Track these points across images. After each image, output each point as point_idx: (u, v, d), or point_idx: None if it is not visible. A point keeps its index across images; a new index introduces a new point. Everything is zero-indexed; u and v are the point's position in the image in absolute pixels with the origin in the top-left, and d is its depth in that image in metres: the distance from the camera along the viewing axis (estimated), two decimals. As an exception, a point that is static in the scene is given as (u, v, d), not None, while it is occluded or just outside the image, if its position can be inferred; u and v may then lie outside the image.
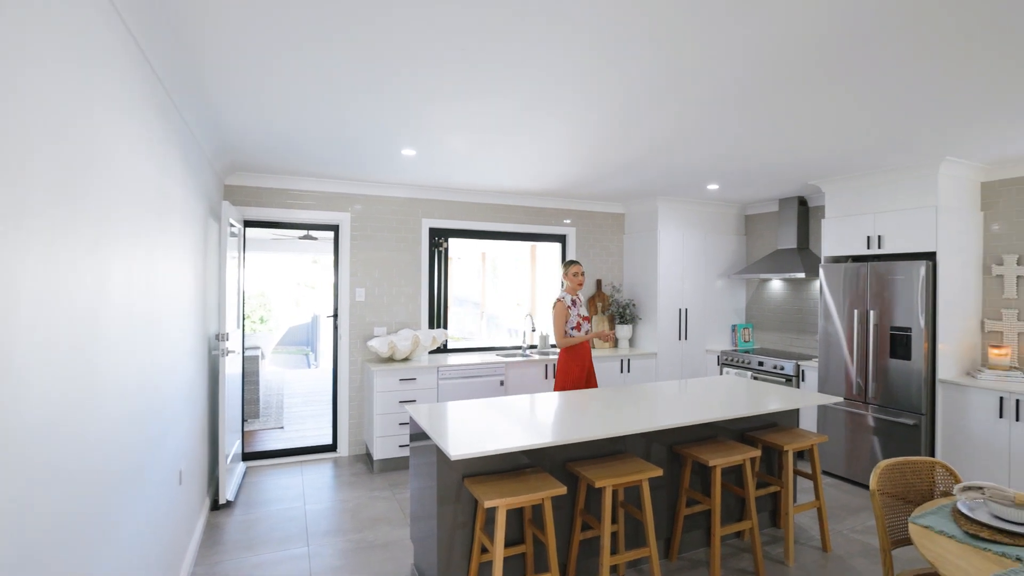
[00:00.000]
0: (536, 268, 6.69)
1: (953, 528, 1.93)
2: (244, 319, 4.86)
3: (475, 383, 4.88)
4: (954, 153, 3.74)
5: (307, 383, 8.37)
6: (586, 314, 4.36)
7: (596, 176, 4.62)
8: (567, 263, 4.40)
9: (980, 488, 2.06)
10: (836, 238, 4.58)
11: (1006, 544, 1.82)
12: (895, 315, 4.08)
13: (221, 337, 3.75)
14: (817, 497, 3.38)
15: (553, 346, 5.94)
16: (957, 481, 2.37)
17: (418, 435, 2.88)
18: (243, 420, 4.78)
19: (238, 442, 4.41)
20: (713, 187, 5.04)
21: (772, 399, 3.42)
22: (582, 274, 4.38)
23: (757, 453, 3.10)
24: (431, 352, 5.35)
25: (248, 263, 6.02)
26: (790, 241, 5.42)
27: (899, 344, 4.05)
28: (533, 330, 5.60)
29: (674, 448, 3.19)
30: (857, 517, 3.75)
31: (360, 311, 5.05)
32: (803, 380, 4.89)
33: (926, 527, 1.96)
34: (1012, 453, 3.51)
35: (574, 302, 4.30)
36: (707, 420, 2.96)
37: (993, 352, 3.89)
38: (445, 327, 5.51)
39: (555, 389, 4.32)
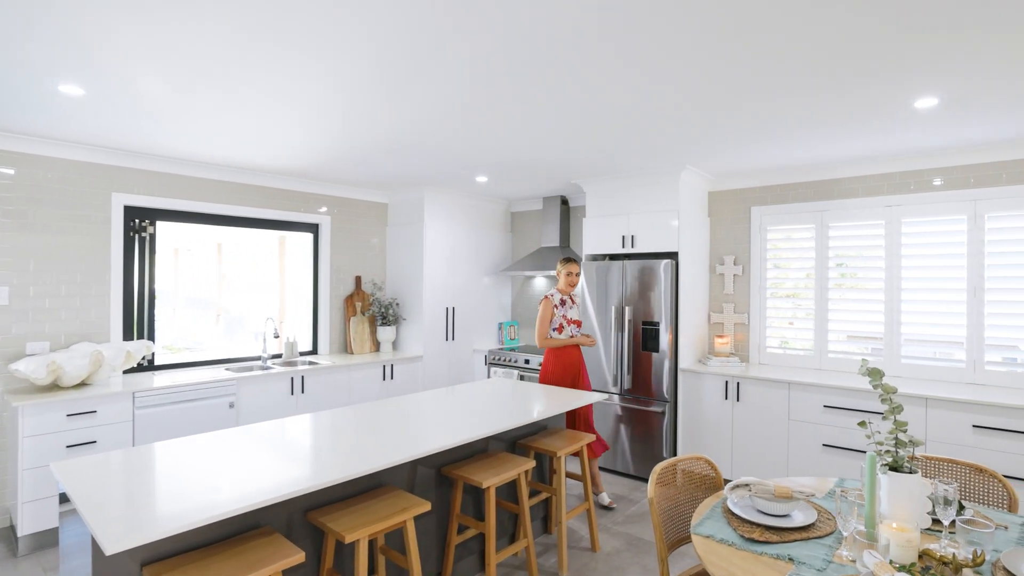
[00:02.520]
0: (285, 262, 5.64)
1: (730, 534, 1.83)
2: None
3: (192, 410, 3.74)
4: (692, 163, 4.09)
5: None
6: (576, 317, 4.01)
7: (355, 156, 3.93)
8: (564, 260, 3.98)
9: (747, 485, 2.03)
10: (595, 237, 4.72)
11: (776, 543, 1.77)
12: (647, 310, 4.33)
13: None
14: (587, 498, 3.28)
15: (303, 353, 5.02)
16: (716, 472, 2.38)
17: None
18: None
19: None
20: (482, 179, 4.78)
21: (543, 403, 3.21)
22: (577, 274, 3.98)
23: (531, 464, 2.83)
24: (128, 372, 3.98)
25: None
26: (553, 239, 5.51)
27: (650, 337, 4.31)
28: (276, 336, 4.62)
29: (443, 470, 2.73)
30: (619, 506, 3.82)
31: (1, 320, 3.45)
32: (565, 376, 4.95)
33: (707, 536, 1.83)
34: (734, 429, 3.95)
35: (563, 302, 3.96)
36: (479, 437, 2.56)
37: (718, 341, 4.39)
38: (152, 337, 4.17)
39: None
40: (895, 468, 1.79)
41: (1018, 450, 2.96)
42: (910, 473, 1.77)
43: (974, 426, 3.08)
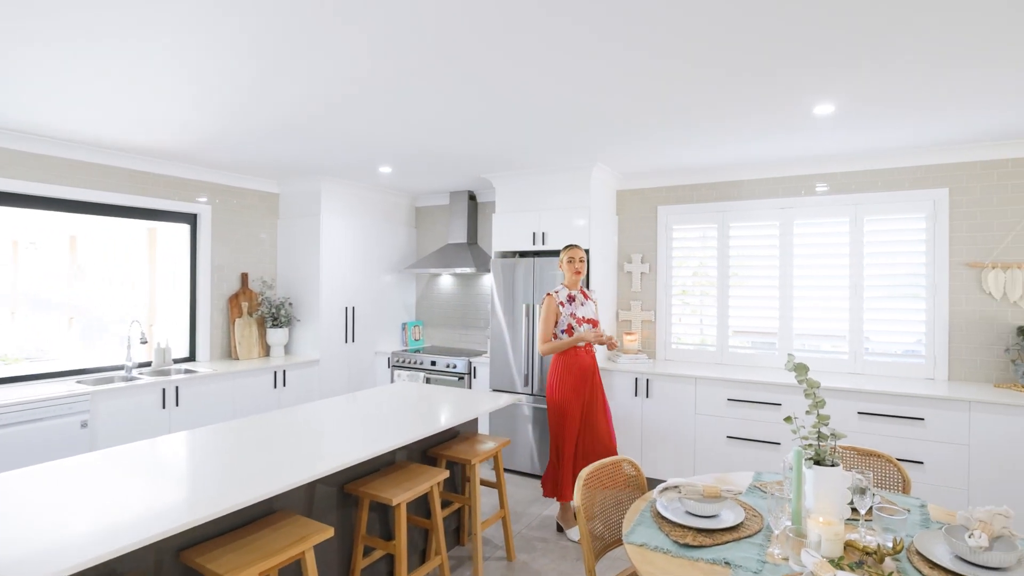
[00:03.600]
0: (156, 257, 4.92)
1: (664, 540, 1.74)
2: None
3: (31, 433, 3.09)
4: (603, 161, 4.07)
5: None
6: (591, 315, 3.42)
7: (240, 136, 3.46)
8: (566, 247, 3.45)
9: (676, 487, 1.96)
10: (505, 234, 4.58)
11: (710, 546, 1.70)
12: (556, 308, 4.25)
13: None
14: (502, 506, 3.12)
15: (178, 360, 4.40)
16: (639, 473, 2.32)
17: None
18: None
19: None
20: (386, 170, 4.47)
21: (454, 408, 3.00)
22: (580, 260, 3.39)
23: (444, 475, 2.61)
24: (-63, 389, 3.21)
25: None
26: (460, 236, 5.30)
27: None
28: (144, 341, 3.98)
29: (346, 488, 2.43)
30: (531, 510, 3.70)
31: None
32: (475, 377, 4.77)
33: (641, 545, 1.72)
34: (644, 424, 3.99)
35: (571, 298, 3.39)
36: (386, 450, 2.30)
37: (627, 338, 4.43)
38: (-28, 346, 3.41)
39: (549, 407, 3.40)
40: (818, 462, 1.80)
41: (897, 433, 3.22)
42: (832, 466, 1.79)
43: (859, 412, 3.31)
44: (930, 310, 3.60)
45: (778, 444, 3.53)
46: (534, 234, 4.44)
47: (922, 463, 3.16)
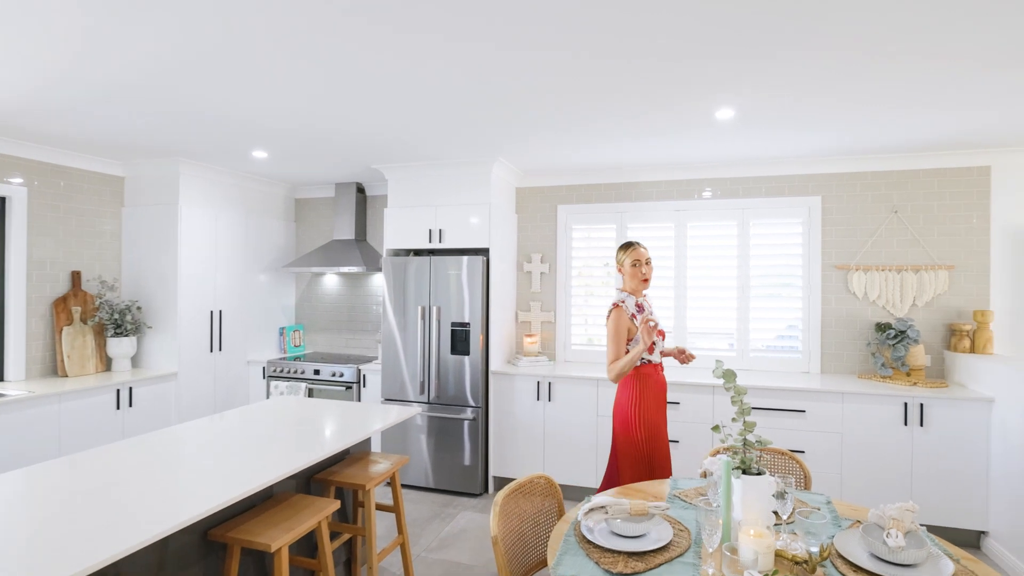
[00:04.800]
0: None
1: (593, 569, 1.58)
2: None
3: None
4: (504, 157, 3.89)
5: None
6: (660, 326, 2.77)
7: (67, 100, 2.78)
8: (623, 246, 2.82)
9: (603, 507, 1.81)
10: (398, 230, 4.24)
11: (643, 572, 1.56)
12: (456, 310, 4.00)
13: None
14: (400, 531, 2.80)
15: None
16: (556, 490, 2.15)
17: None
18: None
19: None
20: (260, 155, 3.91)
21: (343, 427, 2.64)
22: (648, 263, 2.78)
23: (334, 507, 2.25)
24: None
25: None
26: (347, 231, 4.85)
27: (459, 339, 3.99)
28: (-74, 360, 3.09)
29: (211, 534, 1.99)
30: (430, 529, 3.42)
31: None
32: (365, 386, 4.37)
33: (571, 578, 1.54)
34: (546, 429, 3.87)
35: (640, 307, 2.76)
36: (260, 486, 1.91)
37: (527, 340, 4.29)
38: None
39: (615, 435, 2.70)
40: (745, 470, 1.75)
41: (781, 425, 3.39)
42: (758, 474, 1.74)
43: (752, 408, 3.45)
44: (805, 308, 3.88)
45: (676, 442, 3.58)
46: (430, 231, 4.14)
47: (803, 452, 3.37)
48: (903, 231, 3.68)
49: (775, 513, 1.88)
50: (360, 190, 4.90)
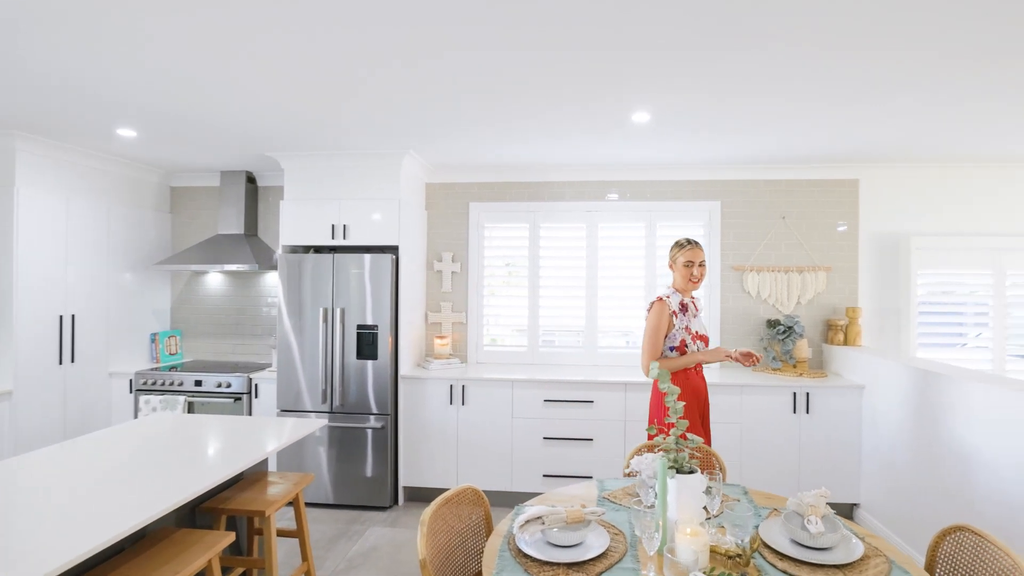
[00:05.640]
0: None
1: (536, 586, 1.48)
2: None
3: None
4: (415, 149, 3.70)
5: None
6: (703, 331, 2.74)
7: None
8: (681, 243, 2.71)
9: (539, 518, 1.71)
10: (296, 225, 3.87)
11: (584, 584, 1.49)
12: (362, 312, 3.74)
13: None
14: (305, 559, 2.53)
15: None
16: (484, 502, 2.03)
17: None
18: None
19: None
20: (128, 133, 3.38)
21: (234, 448, 2.33)
22: (702, 264, 2.67)
23: (227, 540, 1.96)
24: None
25: None
26: (235, 225, 4.36)
27: (366, 343, 3.73)
28: None
29: (70, 589, 1.63)
30: (336, 549, 3.13)
31: None
32: (257, 397, 3.95)
33: (513, 600, 1.43)
34: (460, 434, 3.73)
35: (684, 307, 2.68)
36: (126, 532, 1.59)
37: (437, 342, 4.12)
38: None
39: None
40: (679, 470, 1.74)
41: (688, 421, 3.54)
42: (691, 473, 1.74)
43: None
44: (707, 307, 4.09)
45: (591, 440, 3.61)
46: (333, 227, 3.83)
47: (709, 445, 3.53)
48: (790, 236, 4.01)
49: (704, 509, 1.90)
50: (251, 180, 4.43)
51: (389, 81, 2.49)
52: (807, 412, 3.45)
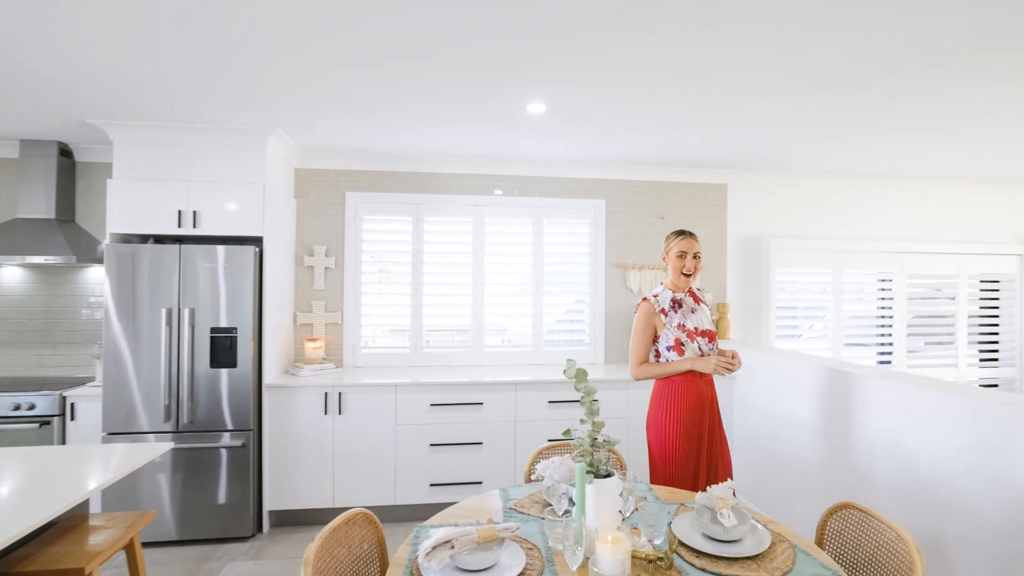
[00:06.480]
0: None
1: (451, 625, 1.26)
2: None
3: None
4: (284, 128, 3.25)
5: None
6: (705, 325, 2.45)
7: None
8: (672, 233, 2.51)
9: (448, 542, 1.49)
10: (131, 209, 3.22)
11: (505, 613, 1.31)
12: (216, 313, 3.20)
13: None
14: (141, 618, 2.04)
15: None
16: (377, 527, 1.76)
17: None
18: None
19: None
20: None
21: (38, 492, 1.82)
22: (696, 256, 2.45)
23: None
24: None
25: None
26: (42, 208, 3.53)
27: (222, 349, 3.20)
28: None
29: None
30: (183, 603, 2.62)
31: None
32: (74, 419, 3.22)
33: (424, 647, 1.20)
34: (337, 446, 3.35)
35: (677, 304, 2.43)
36: None
37: (309, 346, 3.68)
38: None
39: (650, 449, 2.42)
40: (596, 474, 1.63)
41: (579, 416, 3.51)
42: (607, 476, 1.63)
43: (549, 402, 3.50)
44: (592, 304, 4.13)
45: (480, 444, 3.44)
46: (180, 213, 3.24)
47: (595, 441, 3.54)
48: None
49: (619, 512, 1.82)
50: (65, 152, 3.62)
51: (252, 41, 2.10)
52: (686, 403, 3.61)
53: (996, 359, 4.60)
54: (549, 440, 3.48)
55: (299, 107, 2.89)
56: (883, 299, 4.46)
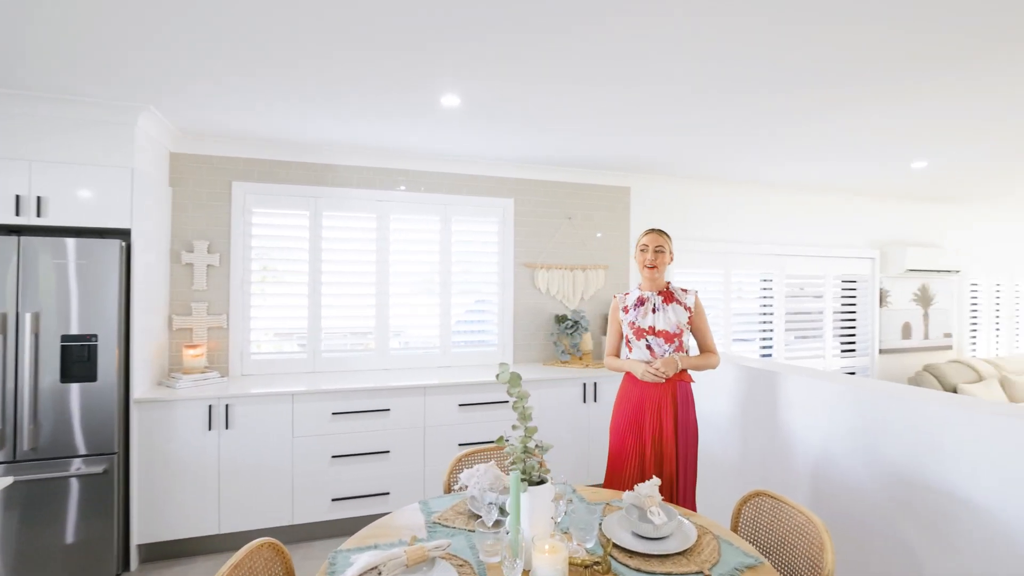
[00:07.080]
0: None
1: (383, 665, 1.12)
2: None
3: None
4: (159, 105, 2.83)
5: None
6: (662, 326, 2.41)
7: None
8: (646, 232, 2.56)
9: (375, 568, 1.34)
10: (-52, 190, 2.63)
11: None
12: (67, 318, 2.71)
13: None
14: None
15: None
16: (286, 556, 1.55)
17: None
18: None
19: None
20: None
21: None
22: (656, 250, 2.46)
23: None
24: None
25: None
26: None
27: (77, 360, 2.72)
28: None
29: None
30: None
31: None
32: None
33: None
34: (223, 466, 2.98)
35: (640, 302, 2.49)
36: None
37: (188, 353, 3.25)
38: None
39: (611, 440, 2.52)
40: (529, 480, 1.56)
41: (493, 417, 3.44)
42: (541, 483, 1.57)
43: (460, 405, 3.38)
44: (500, 304, 4.08)
45: (388, 452, 3.25)
46: (19, 198, 2.71)
47: (510, 440, 3.48)
48: (575, 235, 4.26)
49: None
50: None
51: (126, -9, 1.78)
52: (595, 401, 3.67)
53: (854, 350, 5.23)
54: (460, 444, 3.37)
55: (175, 82, 2.53)
56: (765, 297, 4.88)
